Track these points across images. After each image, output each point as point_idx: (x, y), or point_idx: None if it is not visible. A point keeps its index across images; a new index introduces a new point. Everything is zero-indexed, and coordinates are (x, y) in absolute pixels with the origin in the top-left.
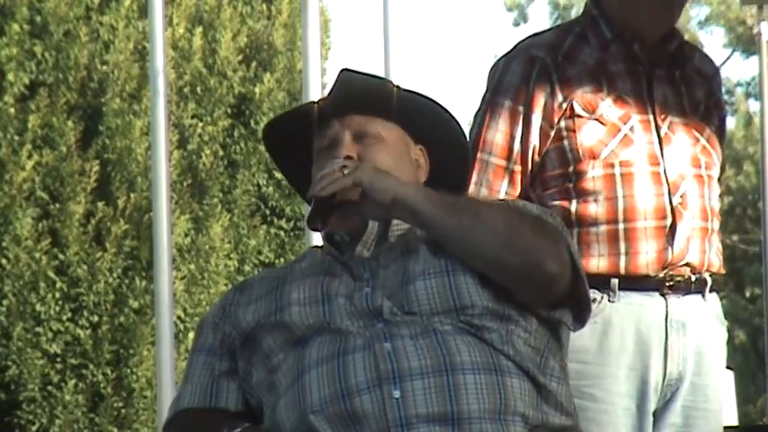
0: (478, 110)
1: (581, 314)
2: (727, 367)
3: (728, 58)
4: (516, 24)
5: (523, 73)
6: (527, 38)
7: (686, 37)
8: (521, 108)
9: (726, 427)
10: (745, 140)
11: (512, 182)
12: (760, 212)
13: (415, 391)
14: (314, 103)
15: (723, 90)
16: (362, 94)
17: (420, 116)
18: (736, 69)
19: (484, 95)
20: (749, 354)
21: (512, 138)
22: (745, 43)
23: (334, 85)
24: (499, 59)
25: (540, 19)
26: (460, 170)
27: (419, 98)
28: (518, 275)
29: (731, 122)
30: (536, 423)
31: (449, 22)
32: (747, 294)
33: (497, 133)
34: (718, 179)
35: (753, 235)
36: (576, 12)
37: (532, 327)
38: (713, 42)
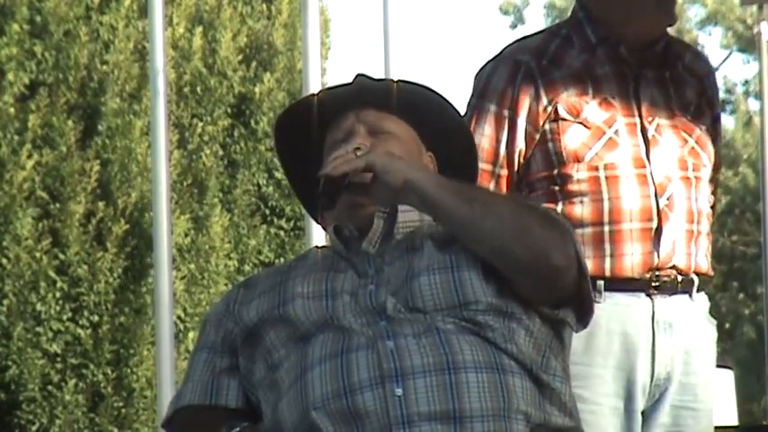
0: (464, 115)
1: (584, 314)
2: (727, 367)
3: (727, 57)
4: (513, 27)
5: (508, 77)
6: (513, 42)
7: (686, 37)
8: (506, 112)
9: (726, 427)
10: (743, 141)
11: (498, 186)
12: (760, 213)
13: (417, 390)
14: (313, 95)
15: (718, 88)
16: (380, 92)
17: (433, 124)
18: (735, 69)
19: (470, 100)
20: (757, 351)
21: (498, 142)
22: (745, 43)
23: (352, 81)
24: (485, 64)
25: (537, 21)
26: (467, 180)
27: (435, 106)
28: (525, 267)
29: (731, 123)
30: (538, 422)
31: (449, 23)
32: (749, 292)
33: (483, 138)
34: (714, 179)
35: (752, 236)
36: None
37: (535, 326)
38: (712, 42)
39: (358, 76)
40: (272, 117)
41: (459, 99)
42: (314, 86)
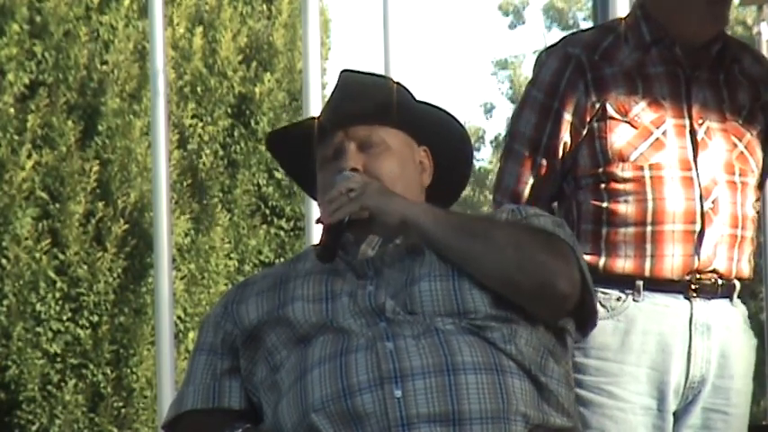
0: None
1: (585, 326)
2: None
3: None
4: (513, 27)
5: (557, 69)
6: (569, 34)
7: None
8: (553, 103)
9: None
10: None
11: (538, 175)
12: (759, 212)
13: (417, 391)
14: (314, 118)
15: None
16: (365, 103)
17: (421, 118)
18: None
19: (526, 88)
20: (757, 351)
21: (542, 131)
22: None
23: (335, 90)
24: (541, 53)
25: (537, 21)
26: (463, 169)
27: (420, 103)
28: (530, 296)
29: None
30: (537, 422)
31: (448, 23)
32: (748, 291)
33: (528, 126)
34: (763, 183)
35: None
36: (572, 14)
37: (537, 330)
38: None
39: (343, 71)
40: (273, 117)
41: (460, 98)
42: (314, 86)
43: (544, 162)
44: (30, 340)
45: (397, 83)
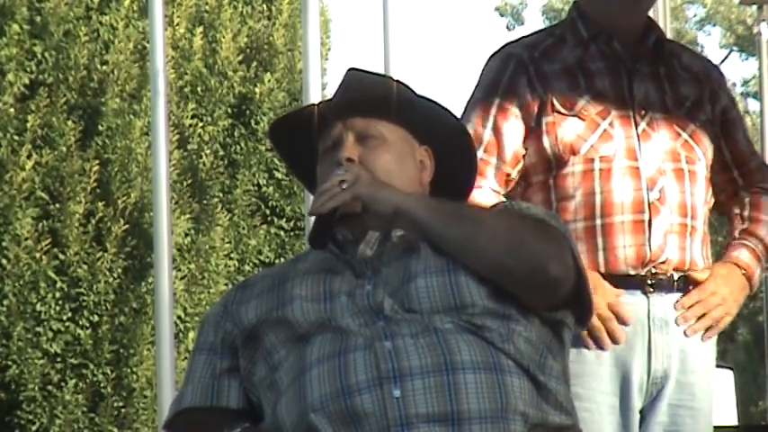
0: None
1: (583, 316)
2: (728, 367)
3: (726, 57)
4: (511, 28)
5: (498, 67)
6: (512, 40)
7: (685, 37)
8: (493, 100)
9: (726, 427)
10: None
11: (480, 173)
12: None
13: (416, 391)
14: (314, 105)
15: (724, 83)
16: (366, 96)
17: (423, 117)
18: (734, 69)
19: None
20: (752, 352)
21: (482, 128)
22: (744, 43)
23: (340, 84)
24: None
25: (535, 22)
26: (467, 169)
27: (421, 100)
28: (523, 281)
29: None
30: (536, 422)
31: (448, 24)
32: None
33: (468, 125)
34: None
35: None
36: None
37: (534, 326)
38: (711, 42)
39: (350, 70)
40: (273, 117)
41: (458, 98)
42: (314, 86)
43: (490, 159)
44: (30, 340)
45: (401, 82)
